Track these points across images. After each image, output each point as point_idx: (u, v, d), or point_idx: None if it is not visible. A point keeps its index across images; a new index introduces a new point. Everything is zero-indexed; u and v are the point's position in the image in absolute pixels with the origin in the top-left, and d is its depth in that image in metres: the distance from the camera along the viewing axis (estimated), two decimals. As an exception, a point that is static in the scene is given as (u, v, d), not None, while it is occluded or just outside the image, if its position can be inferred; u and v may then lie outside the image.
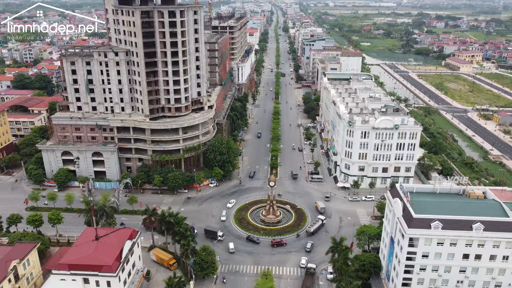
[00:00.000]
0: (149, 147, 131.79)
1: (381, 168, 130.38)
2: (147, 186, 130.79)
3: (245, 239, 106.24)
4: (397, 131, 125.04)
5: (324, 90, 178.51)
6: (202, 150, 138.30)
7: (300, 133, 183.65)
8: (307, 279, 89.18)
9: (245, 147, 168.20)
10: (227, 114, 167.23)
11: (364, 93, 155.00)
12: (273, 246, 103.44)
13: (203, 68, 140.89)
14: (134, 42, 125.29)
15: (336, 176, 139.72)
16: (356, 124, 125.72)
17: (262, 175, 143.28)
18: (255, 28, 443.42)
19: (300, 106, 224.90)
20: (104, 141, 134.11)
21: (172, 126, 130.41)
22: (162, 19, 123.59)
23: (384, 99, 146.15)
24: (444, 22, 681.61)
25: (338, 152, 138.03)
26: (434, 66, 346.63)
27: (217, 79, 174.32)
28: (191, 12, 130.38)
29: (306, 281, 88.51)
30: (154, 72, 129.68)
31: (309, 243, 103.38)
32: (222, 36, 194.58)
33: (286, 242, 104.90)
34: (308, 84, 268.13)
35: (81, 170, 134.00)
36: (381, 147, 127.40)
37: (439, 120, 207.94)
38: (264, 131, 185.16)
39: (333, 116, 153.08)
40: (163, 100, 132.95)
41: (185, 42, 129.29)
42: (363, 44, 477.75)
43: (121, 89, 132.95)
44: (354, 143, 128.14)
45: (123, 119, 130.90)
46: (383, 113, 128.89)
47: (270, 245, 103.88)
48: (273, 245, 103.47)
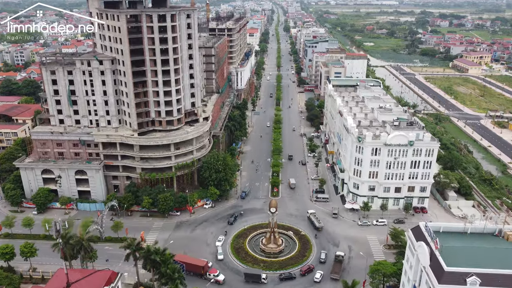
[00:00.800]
0: (138, 165, 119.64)
1: (393, 188, 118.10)
2: (135, 207, 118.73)
3: (243, 278, 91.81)
4: (412, 147, 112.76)
5: (329, 98, 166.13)
6: (196, 167, 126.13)
7: (303, 143, 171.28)
8: (335, 266, 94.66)
9: (244, 159, 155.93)
10: (224, 124, 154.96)
11: (373, 103, 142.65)
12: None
13: (197, 77, 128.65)
14: (120, 49, 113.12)
15: (343, 195, 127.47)
16: (366, 140, 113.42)
17: (262, 193, 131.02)
18: (255, 28, 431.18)
19: (302, 112, 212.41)
20: (88, 158, 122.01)
21: (162, 141, 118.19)
22: (150, 23, 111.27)
23: (395, 110, 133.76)
24: (449, 21, 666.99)
25: (346, 169, 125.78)
26: (442, 68, 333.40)
27: (214, 86, 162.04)
28: (183, 15, 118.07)
29: (335, 267, 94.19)
30: (142, 82, 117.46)
31: (318, 273, 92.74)
32: (220, 39, 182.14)
33: (313, 266, 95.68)
34: (310, 88, 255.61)
35: (63, 190, 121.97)
36: (394, 165, 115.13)
37: (451, 128, 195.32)
38: (264, 142, 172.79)
39: (339, 127, 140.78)
40: (153, 113, 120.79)
41: (176, 49, 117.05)
42: (367, 44, 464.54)
43: (106, 100, 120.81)
44: (364, 160, 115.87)
45: (108, 134, 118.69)
46: (396, 127, 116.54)
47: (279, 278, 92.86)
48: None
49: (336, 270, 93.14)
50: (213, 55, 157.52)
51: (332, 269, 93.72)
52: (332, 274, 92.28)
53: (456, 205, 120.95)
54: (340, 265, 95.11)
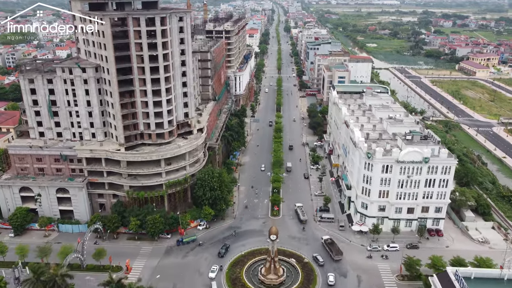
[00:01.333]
0: (125, 182, 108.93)
1: (406, 209, 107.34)
2: (122, 229, 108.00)
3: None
4: (427, 164, 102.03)
5: (333, 105, 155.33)
6: (190, 183, 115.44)
7: (306, 154, 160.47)
8: (333, 247, 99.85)
9: (242, 172, 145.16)
10: (221, 135, 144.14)
11: (382, 112, 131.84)
12: None
13: (191, 85, 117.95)
14: (105, 56, 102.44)
15: (350, 215, 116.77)
16: (376, 156, 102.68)
17: (262, 212, 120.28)
18: (255, 29, 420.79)
19: (304, 119, 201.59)
20: (71, 175, 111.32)
21: (151, 157, 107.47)
22: (138, 27, 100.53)
23: (406, 121, 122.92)
24: (452, 21, 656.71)
25: (353, 186, 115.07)
26: (448, 71, 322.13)
27: (210, 93, 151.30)
28: (175, 18, 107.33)
29: (333, 249, 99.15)
30: (130, 92, 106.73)
31: (331, 276, 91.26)
32: (217, 42, 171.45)
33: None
34: (312, 92, 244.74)
35: (43, 209, 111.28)
36: (407, 183, 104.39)
37: (462, 136, 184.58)
38: (264, 152, 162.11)
39: (345, 139, 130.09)
40: (142, 125, 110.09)
41: (167, 55, 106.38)
42: (369, 45, 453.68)
43: (90, 112, 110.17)
44: (374, 178, 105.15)
45: (92, 149, 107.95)
46: (409, 142, 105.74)
47: None
48: None
49: (336, 252, 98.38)
50: (209, 60, 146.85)
51: (332, 252, 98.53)
52: (335, 256, 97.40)
53: (474, 227, 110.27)
54: (335, 246, 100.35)
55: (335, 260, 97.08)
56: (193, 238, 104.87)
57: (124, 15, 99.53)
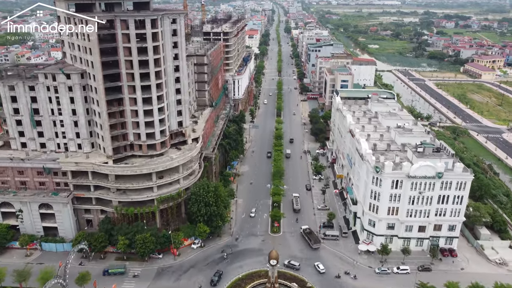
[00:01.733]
0: (114, 197, 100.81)
1: (416, 227, 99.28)
2: (110, 248, 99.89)
3: None
4: (440, 180, 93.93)
5: (336, 112, 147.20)
6: (184, 198, 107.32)
7: (307, 163, 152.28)
8: (311, 236, 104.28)
9: (240, 183, 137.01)
10: (218, 143, 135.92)
11: (389, 120, 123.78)
12: None
13: (185, 92, 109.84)
14: (90, 61, 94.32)
15: (356, 232, 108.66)
16: (386, 170, 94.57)
17: (261, 228, 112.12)
18: (255, 30, 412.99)
19: (306, 124, 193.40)
20: (55, 189, 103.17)
21: (142, 170, 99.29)
22: (126, 30, 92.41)
23: (416, 131, 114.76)
24: (454, 22, 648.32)
25: (359, 201, 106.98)
26: (453, 73, 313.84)
27: (207, 99, 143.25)
28: (167, 20, 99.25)
29: (311, 238, 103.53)
30: (118, 100, 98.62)
31: None
32: (215, 44, 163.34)
33: None
34: (314, 96, 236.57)
35: (25, 226, 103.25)
36: (418, 200, 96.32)
37: (470, 143, 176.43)
38: (263, 160, 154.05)
39: (350, 149, 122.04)
40: (132, 136, 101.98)
41: (159, 61, 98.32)
42: (371, 47, 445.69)
43: (76, 121, 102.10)
44: (382, 194, 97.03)
45: (78, 162, 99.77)
46: (420, 155, 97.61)
47: None
48: None
49: (313, 241, 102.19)
50: (205, 64, 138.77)
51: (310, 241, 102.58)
52: (314, 245, 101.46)
53: (490, 246, 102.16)
54: (314, 235, 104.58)
55: (313, 248, 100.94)
56: (120, 270, 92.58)
57: (111, 17, 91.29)
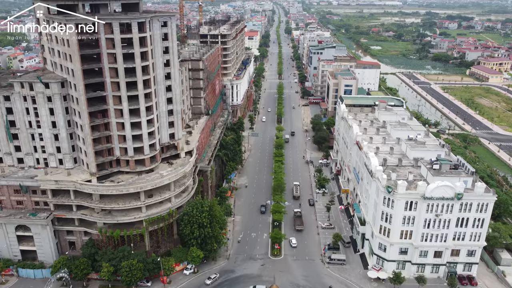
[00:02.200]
0: (98, 219, 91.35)
1: (432, 252, 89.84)
2: (93, 275, 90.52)
3: None
4: (460, 201, 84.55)
5: (341, 120, 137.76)
6: (175, 217, 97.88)
7: (310, 174, 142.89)
8: (296, 220, 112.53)
9: (238, 197, 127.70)
10: (215, 154, 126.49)
11: (399, 131, 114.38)
12: None
13: (177, 101, 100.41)
14: (71, 69, 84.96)
15: (365, 255, 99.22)
16: (399, 191, 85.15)
17: (260, 250, 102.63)
18: (255, 31, 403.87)
19: (308, 131, 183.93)
20: (34, 208, 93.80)
21: (128, 189, 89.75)
22: (110, 35, 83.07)
23: (429, 143, 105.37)
24: (457, 23, 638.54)
25: (368, 222, 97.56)
26: (459, 76, 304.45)
27: (203, 106, 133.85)
28: (157, 24, 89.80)
29: (297, 221, 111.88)
30: (102, 111, 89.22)
31: None
32: (212, 48, 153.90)
33: None
34: (316, 100, 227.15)
35: (1, 250, 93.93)
36: (434, 223, 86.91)
37: (482, 152, 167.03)
38: (263, 171, 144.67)
39: (357, 162, 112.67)
40: (118, 150, 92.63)
41: (147, 68, 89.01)
42: (374, 48, 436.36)
43: (56, 134, 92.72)
44: (395, 216, 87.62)
45: (58, 180, 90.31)
46: (436, 173, 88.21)
47: None
48: None
49: (298, 223, 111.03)
50: (201, 70, 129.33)
51: (294, 223, 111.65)
52: (297, 226, 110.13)
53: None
54: (301, 219, 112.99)
55: (296, 229, 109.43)
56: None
57: (91, 20, 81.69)
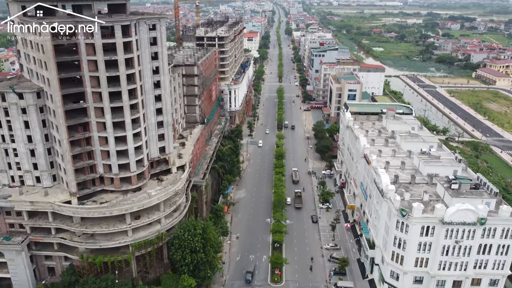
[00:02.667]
0: (79, 243, 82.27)
1: (450, 282, 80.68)
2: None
3: None
4: (482, 226, 75.46)
5: (346, 129, 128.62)
6: (165, 240, 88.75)
7: (313, 187, 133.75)
8: (297, 199, 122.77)
9: (235, 213, 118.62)
10: (210, 166, 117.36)
11: (409, 143, 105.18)
12: None
13: (167, 112, 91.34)
14: (47, 78, 75.91)
15: (374, 282, 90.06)
16: (414, 214, 76.03)
17: (259, 275, 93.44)
18: (255, 32, 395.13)
19: (309, 139, 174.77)
20: (9, 231, 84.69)
21: (112, 212, 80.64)
22: (91, 40, 74.01)
23: (444, 157, 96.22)
24: (460, 24, 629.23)
25: (378, 246, 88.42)
26: (465, 79, 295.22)
27: (197, 115, 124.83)
28: (144, 27, 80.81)
29: (297, 200, 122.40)
30: (83, 124, 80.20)
31: None
32: (208, 51, 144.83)
33: None
34: (318, 105, 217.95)
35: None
36: (454, 250, 77.81)
37: (494, 162, 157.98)
38: (263, 185, 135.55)
39: (364, 177, 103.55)
40: (101, 167, 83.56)
41: (133, 76, 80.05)
42: (376, 50, 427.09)
43: (33, 150, 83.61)
44: (409, 242, 78.52)
45: (33, 201, 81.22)
46: (455, 193, 79.11)
47: None
48: None
49: (297, 202, 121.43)
50: (196, 75, 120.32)
51: (295, 202, 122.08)
52: (296, 204, 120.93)
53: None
54: (300, 198, 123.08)
55: (295, 207, 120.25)
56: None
57: (70, 23, 72.59)
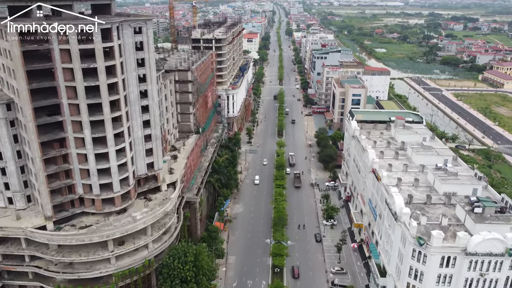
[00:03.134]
0: (56, 273, 73.33)
1: (473, 318, 71.71)
2: None
3: None
4: (511, 258, 66.41)
5: (352, 139, 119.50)
6: (154, 268, 79.75)
7: (316, 201, 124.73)
8: (296, 180, 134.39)
9: (232, 230, 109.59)
10: (205, 180, 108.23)
11: (422, 156, 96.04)
12: None
13: (156, 124, 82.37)
14: (16, 89, 66.92)
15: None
16: (434, 243, 66.94)
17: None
18: (255, 33, 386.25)
19: (312, 146, 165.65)
20: (-23, 258, 75.72)
21: (92, 239, 71.64)
22: (65, 45, 65.05)
23: (462, 174, 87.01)
24: (463, 24, 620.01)
25: (390, 274, 79.29)
26: (471, 82, 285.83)
27: (192, 124, 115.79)
28: (129, 30, 71.89)
29: (296, 181, 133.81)
30: (59, 140, 71.25)
31: None
32: (204, 55, 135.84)
33: None
34: (320, 110, 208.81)
35: None
36: (478, 283, 68.72)
37: (508, 172, 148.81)
38: (262, 198, 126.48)
39: (373, 194, 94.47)
40: (80, 188, 74.57)
41: (116, 85, 71.07)
42: (378, 51, 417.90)
43: (3, 168, 74.63)
44: (427, 274, 69.42)
45: (3, 226, 72.22)
46: (479, 218, 70.04)
47: None
48: None
49: (297, 182, 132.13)
50: (190, 81, 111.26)
51: (294, 182, 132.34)
52: (296, 183, 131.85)
53: None
54: (299, 179, 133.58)
55: (295, 187, 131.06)
56: None
57: (41, 26, 63.49)
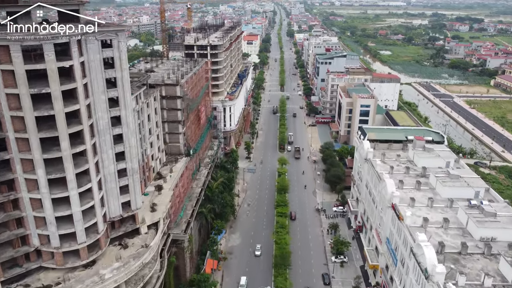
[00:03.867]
0: None
1: None
2: None
3: None
4: None
5: (364, 162, 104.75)
6: (128, 331, 65.37)
7: (323, 230, 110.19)
8: (296, 152, 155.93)
9: (227, 269, 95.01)
10: (196, 210, 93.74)
11: (449, 188, 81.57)
12: None
13: (132, 156, 67.85)
14: None
15: None
16: (480, 319, 52.45)
17: None
18: (255, 35, 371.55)
19: (317, 163, 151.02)
20: None
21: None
22: (8, 65, 50.66)
23: (501, 213, 72.47)
24: (468, 25, 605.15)
25: None
26: (484, 88, 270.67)
27: (181, 145, 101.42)
28: (94, 44, 57.47)
29: (296, 154, 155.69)
30: (8, 182, 56.86)
31: None
32: (198, 63, 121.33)
33: None
34: (325, 120, 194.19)
35: None
36: None
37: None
38: (262, 227, 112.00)
39: (392, 233, 79.96)
40: (36, 239, 60.22)
41: (77, 113, 56.61)
42: (383, 53, 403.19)
43: None
44: None
45: None
46: (534, 281, 55.54)
47: None
48: None
49: (297, 155, 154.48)
50: (178, 97, 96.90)
51: (294, 154, 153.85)
52: (296, 155, 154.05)
53: None
54: (299, 152, 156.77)
55: (295, 157, 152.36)
56: None
57: (-24, 41, 49.24)
